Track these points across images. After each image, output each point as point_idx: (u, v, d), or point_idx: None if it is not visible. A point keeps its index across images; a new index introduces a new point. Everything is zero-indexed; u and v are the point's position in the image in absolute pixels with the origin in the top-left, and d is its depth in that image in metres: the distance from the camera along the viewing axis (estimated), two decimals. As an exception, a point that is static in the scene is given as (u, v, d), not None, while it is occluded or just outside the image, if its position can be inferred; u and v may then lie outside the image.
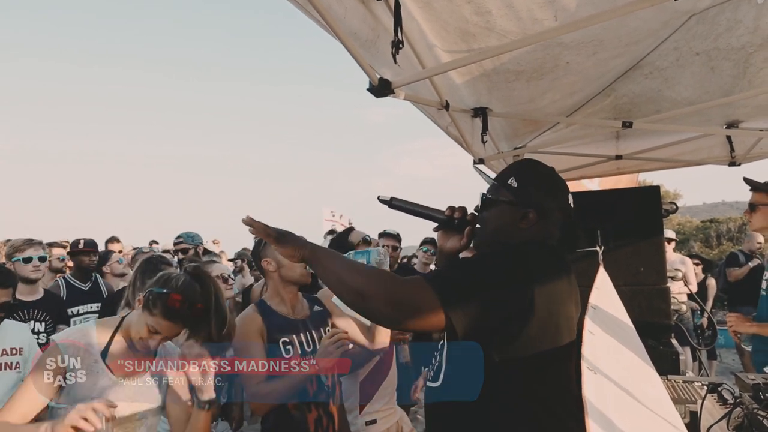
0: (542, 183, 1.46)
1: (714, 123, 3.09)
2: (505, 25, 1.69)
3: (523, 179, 1.43)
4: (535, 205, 1.39)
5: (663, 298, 2.81)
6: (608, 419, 0.69)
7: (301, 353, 2.17)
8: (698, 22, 2.02)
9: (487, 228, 1.48)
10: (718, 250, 14.56)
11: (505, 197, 1.43)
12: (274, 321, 2.22)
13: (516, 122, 2.98)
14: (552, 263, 1.36)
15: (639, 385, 1.09)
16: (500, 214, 1.44)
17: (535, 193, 1.41)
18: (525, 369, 1.25)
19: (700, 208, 25.87)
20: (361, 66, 1.63)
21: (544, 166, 1.52)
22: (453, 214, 1.50)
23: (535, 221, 1.39)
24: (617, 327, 1.58)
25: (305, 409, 2.15)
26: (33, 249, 3.29)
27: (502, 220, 1.43)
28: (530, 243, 1.39)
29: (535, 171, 1.50)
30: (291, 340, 2.19)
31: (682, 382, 2.27)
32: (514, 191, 1.42)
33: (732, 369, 6.76)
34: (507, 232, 1.42)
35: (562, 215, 1.44)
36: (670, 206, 3.16)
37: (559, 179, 1.49)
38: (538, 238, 1.40)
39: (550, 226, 1.42)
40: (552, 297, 1.28)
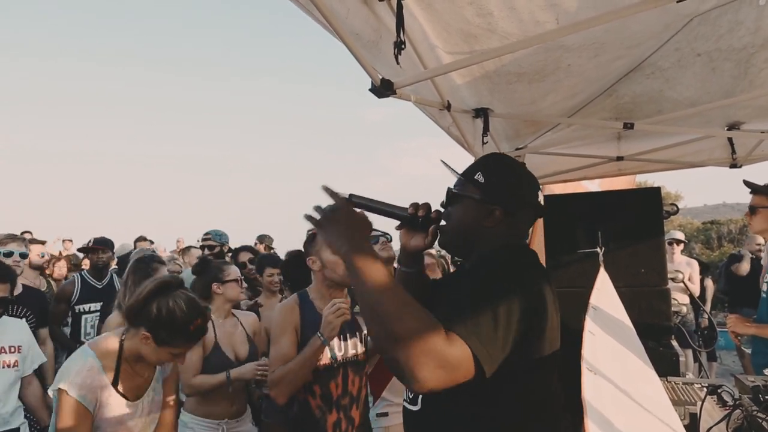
0: (510, 178, 1.38)
1: (715, 124, 3.09)
2: (506, 27, 1.69)
3: (490, 174, 1.36)
4: (501, 202, 1.32)
5: (663, 299, 2.81)
6: (607, 420, 0.69)
7: (331, 356, 2.17)
8: (700, 23, 2.03)
9: (452, 225, 1.41)
10: (719, 251, 14.55)
11: (472, 193, 1.36)
12: (308, 319, 2.22)
13: (517, 123, 2.98)
14: (537, 268, 1.32)
15: (638, 386, 1.10)
16: (465, 210, 1.37)
17: (502, 190, 1.34)
18: (513, 381, 1.16)
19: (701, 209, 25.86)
20: (363, 66, 1.64)
21: (512, 160, 1.47)
22: (416, 212, 1.42)
23: (501, 219, 1.32)
24: (617, 328, 1.58)
25: (326, 409, 2.15)
26: (15, 244, 3.32)
27: (467, 217, 1.37)
28: (512, 247, 1.33)
29: (504, 165, 1.43)
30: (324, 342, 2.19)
31: (682, 384, 2.27)
32: (481, 186, 1.34)
33: (732, 371, 6.76)
34: (471, 229, 1.36)
35: (533, 213, 1.40)
36: (671, 208, 3.17)
37: (529, 175, 1.43)
38: (507, 237, 1.34)
39: (518, 224, 1.37)
40: (548, 303, 1.21)
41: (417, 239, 1.46)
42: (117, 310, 2.88)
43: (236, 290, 2.81)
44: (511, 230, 1.35)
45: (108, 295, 4.07)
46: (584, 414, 0.66)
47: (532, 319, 1.13)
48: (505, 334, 1.07)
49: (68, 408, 1.63)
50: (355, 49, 1.56)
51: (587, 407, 0.68)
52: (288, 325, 2.21)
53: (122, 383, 1.76)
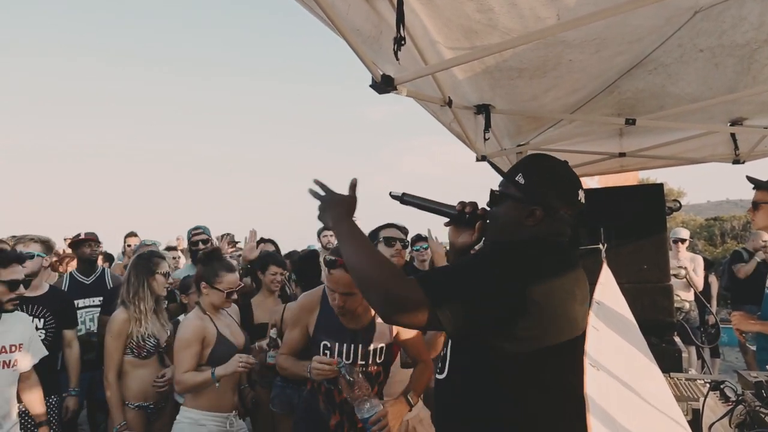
0: (549, 179, 1.43)
1: (718, 120, 3.08)
2: (507, 23, 1.69)
3: (530, 175, 1.41)
4: (541, 202, 1.37)
5: (666, 295, 2.80)
6: (610, 416, 0.69)
7: (338, 361, 2.16)
8: (703, 19, 2.02)
9: (495, 224, 1.48)
10: (722, 248, 14.50)
11: (513, 193, 1.41)
12: (324, 319, 2.24)
13: (519, 119, 2.98)
14: (554, 260, 1.35)
15: (641, 382, 1.09)
16: (507, 210, 1.43)
17: (541, 190, 1.39)
18: (524, 364, 1.26)
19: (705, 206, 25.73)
20: (363, 62, 1.63)
21: (554, 160, 1.49)
22: (464, 209, 1.51)
23: (542, 218, 1.37)
24: (620, 323, 1.58)
25: (330, 409, 2.19)
26: (23, 245, 3.27)
27: (508, 217, 1.42)
28: (531, 241, 1.38)
29: (543, 166, 1.47)
30: (332, 346, 2.20)
31: (685, 380, 2.26)
32: (521, 187, 1.40)
33: (735, 367, 6.74)
34: (513, 228, 1.40)
35: (572, 212, 1.41)
36: (674, 204, 3.15)
37: (569, 174, 1.46)
38: (545, 235, 1.38)
39: (558, 223, 1.39)
40: (551, 294, 1.26)
41: (465, 236, 1.55)
42: (122, 306, 2.90)
43: (221, 297, 2.73)
44: (550, 229, 1.39)
45: (98, 291, 4.03)
46: (587, 410, 0.66)
47: (499, 307, 1.22)
48: (454, 295, 1.21)
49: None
50: (355, 45, 1.56)
51: (590, 403, 0.67)
52: (300, 321, 2.32)
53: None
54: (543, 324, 1.24)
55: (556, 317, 1.27)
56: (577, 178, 1.46)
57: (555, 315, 1.27)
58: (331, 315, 2.23)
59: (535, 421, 1.28)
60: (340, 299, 2.10)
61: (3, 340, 2.59)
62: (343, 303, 2.09)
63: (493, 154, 3.22)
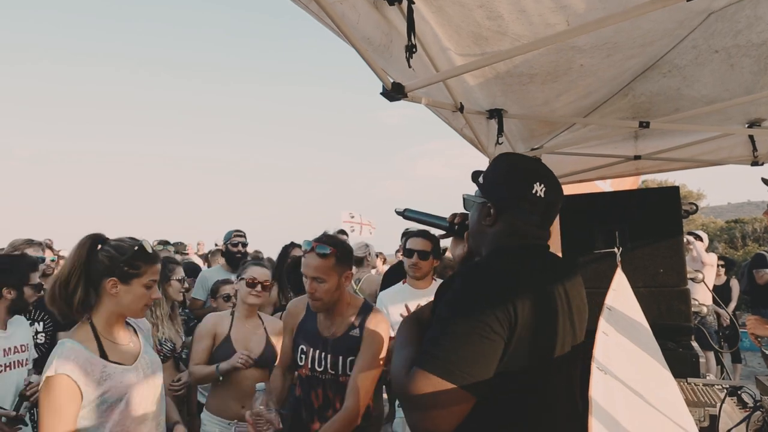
0: (501, 173, 1.33)
1: (735, 122, 3.04)
2: (517, 29, 1.70)
3: (487, 173, 1.35)
4: (493, 198, 1.29)
5: (683, 299, 2.78)
6: (614, 420, 0.69)
7: (310, 368, 2.16)
8: (717, 20, 2.00)
9: (470, 231, 1.41)
10: (743, 251, 14.22)
11: (476, 195, 1.37)
12: (304, 325, 2.24)
13: (532, 123, 2.97)
14: (526, 271, 1.21)
15: (652, 388, 1.09)
16: (473, 213, 1.37)
17: (492, 185, 1.32)
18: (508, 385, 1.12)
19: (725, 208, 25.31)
20: (374, 71, 1.65)
21: (518, 156, 1.44)
22: (453, 220, 1.48)
23: (496, 218, 1.27)
24: (632, 329, 1.57)
25: (309, 416, 2.18)
26: (32, 249, 3.32)
27: (473, 221, 1.36)
28: (493, 252, 1.28)
29: (501, 162, 1.36)
30: (306, 351, 2.19)
31: (702, 385, 2.24)
32: (480, 186, 1.35)
33: (758, 373, 6.61)
34: (478, 232, 1.34)
35: (529, 207, 1.26)
36: (690, 207, 3.12)
37: (528, 166, 1.32)
38: (505, 239, 1.27)
39: (515, 220, 1.27)
40: (534, 312, 1.12)
41: (459, 248, 1.49)
42: None
43: (244, 290, 2.75)
44: (509, 229, 1.27)
45: None
46: (589, 413, 0.66)
47: (505, 328, 1.08)
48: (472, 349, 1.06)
49: (57, 387, 1.58)
50: (366, 54, 1.58)
51: (594, 406, 0.68)
52: (288, 327, 2.32)
53: (112, 354, 1.74)
54: (526, 341, 1.11)
55: (541, 331, 1.14)
56: (540, 171, 1.31)
57: (539, 330, 1.13)
58: (312, 320, 2.22)
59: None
60: (311, 286, 2.06)
61: (14, 341, 2.67)
62: (313, 290, 2.06)
63: (506, 158, 3.21)
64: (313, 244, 2.05)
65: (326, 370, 2.13)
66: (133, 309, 1.80)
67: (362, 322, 2.13)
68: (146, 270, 1.78)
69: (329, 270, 2.05)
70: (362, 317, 2.15)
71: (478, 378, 1.05)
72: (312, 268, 2.05)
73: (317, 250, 2.05)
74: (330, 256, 2.05)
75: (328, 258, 2.05)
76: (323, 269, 2.04)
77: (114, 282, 1.74)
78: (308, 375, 2.17)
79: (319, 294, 2.06)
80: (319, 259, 2.04)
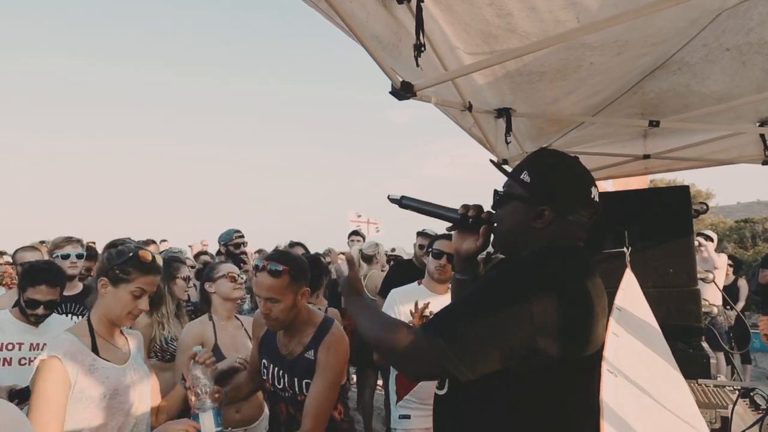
0: (558, 176, 1.30)
1: (746, 120, 3.01)
2: (526, 26, 1.69)
3: (536, 172, 1.29)
4: (549, 202, 1.25)
5: (693, 300, 2.75)
6: (625, 422, 0.68)
7: (271, 384, 2.12)
8: (729, 17, 1.98)
9: (501, 228, 1.36)
10: (753, 251, 14.10)
11: (518, 193, 1.30)
12: (266, 339, 2.18)
13: (540, 122, 2.96)
14: (576, 271, 1.23)
15: (662, 389, 1.08)
16: (514, 212, 1.31)
17: (548, 188, 1.27)
18: (541, 382, 1.15)
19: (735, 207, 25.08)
20: (383, 69, 1.65)
21: (563, 155, 1.37)
22: (467, 213, 1.40)
23: (552, 220, 1.25)
24: (642, 330, 1.56)
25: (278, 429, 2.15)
26: (71, 246, 3.41)
27: (515, 219, 1.30)
28: (547, 250, 1.26)
29: (551, 162, 1.34)
30: (267, 366, 2.14)
31: (713, 387, 2.22)
32: (527, 186, 1.28)
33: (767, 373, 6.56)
34: (522, 232, 1.30)
35: (586, 213, 1.28)
36: (701, 206, 3.09)
37: (581, 171, 1.32)
38: (558, 240, 1.27)
39: (571, 225, 1.27)
40: (577, 310, 1.16)
41: (469, 242, 1.45)
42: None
43: (228, 287, 2.73)
44: (562, 231, 1.27)
45: None
46: (600, 415, 0.65)
47: (538, 323, 1.09)
48: (484, 344, 1.10)
49: (48, 369, 1.63)
50: (375, 53, 1.57)
51: (605, 409, 0.67)
52: (255, 336, 2.28)
53: (104, 352, 1.79)
54: (567, 343, 1.13)
55: (578, 334, 1.17)
56: (590, 174, 1.33)
57: (578, 332, 1.16)
58: (273, 335, 2.14)
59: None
60: (264, 306, 1.95)
61: (44, 338, 2.65)
62: (268, 311, 1.95)
63: (514, 157, 3.20)
64: (264, 263, 1.94)
65: (285, 388, 2.07)
66: (117, 314, 1.81)
67: (317, 345, 2.02)
68: (136, 278, 1.78)
69: (283, 289, 1.93)
70: (318, 338, 2.04)
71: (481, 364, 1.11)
72: (265, 288, 1.93)
73: (269, 268, 1.93)
74: (283, 274, 1.92)
75: (281, 277, 1.92)
76: (277, 289, 1.92)
77: (105, 282, 1.79)
78: (271, 390, 2.14)
79: (275, 314, 1.95)
80: (272, 279, 1.92)
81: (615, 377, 0.83)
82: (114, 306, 1.80)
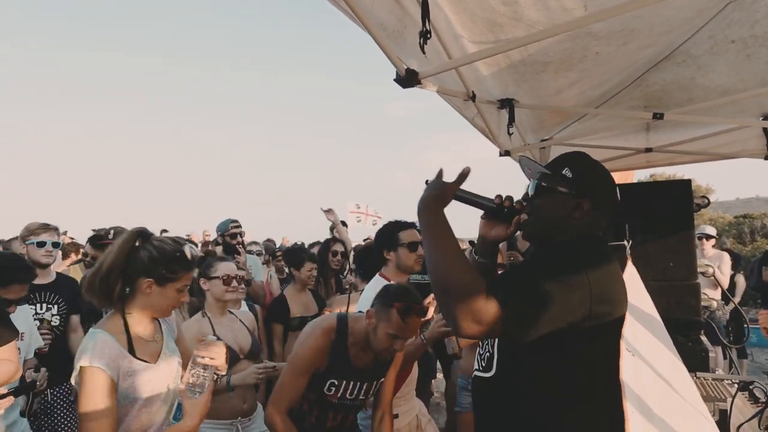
0: (597, 174, 1.50)
1: (750, 114, 3.00)
2: (533, 15, 1.67)
3: (578, 169, 1.46)
4: (590, 195, 1.42)
5: (693, 294, 2.75)
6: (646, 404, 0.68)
7: (341, 396, 2.17)
8: (735, 9, 1.96)
9: (539, 216, 1.49)
10: (751, 246, 14.12)
11: (561, 186, 1.45)
12: (333, 362, 2.11)
13: (543, 114, 2.94)
14: (609, 257, 1.36)
15: (669, 378, 1.08)
16: (554, 203, 1.46)
17: (590, 183, 1.45)
18: (580, 362, 1.27)
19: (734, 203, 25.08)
20: (388, 56, 1.63)
21: (592, 159, 1.56)
22: (503, 203, 1.51)
23: (589, 211, 1.42)
24: (645, 321, 1.56)
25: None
26: (48, 234, 3.29)
27: (555, 210, 1.45)
28: (586, 237, 1.41)
29: (589, 162, 1.54)
30: (339, 384, 2.15)
31: (712, 380, 2.22)
32: (570, 181, 1.44)
33: (765, 368, 6.59)
34: (559, 221, 1.44)
35: (610, 209, 1.48)
36: (702, 200, 3.08)
37: (610, 174, 1.53)
38: (589, 229, 1.42)
39: (601, 217, 1.45)
40: (617, 286, 1.31)
41: (499, 229, 1.55)
42: None
43: (220, 289, 2.67)
44: (594, 223, 1.44)
45: None
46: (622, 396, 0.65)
47: (588, 308, 1.21)
48: (546, 311, 1.16)
49: (93, 380, 1.60)
50: (380, 39, 1.56)
51: (625, 389, 0.67)
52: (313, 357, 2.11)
53: (139, 351, 1.75)
54: (613, 315, 1.27)
55: (620, 308, 1.32)
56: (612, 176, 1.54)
57: (616, 308, 1.31)
58: (341, 355, 2.13)
59: (604, 422, 1.24)
60: (400, 344, 2.05)
61: None
62: (401, 348, 2.07)
63: (516, 149, 3.19)
64: (416, 306, 2.03)
65: (355, 397, 2.20)
66: (161, 309, 1.82)
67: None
68: (182, 276, 1.78)
69: None
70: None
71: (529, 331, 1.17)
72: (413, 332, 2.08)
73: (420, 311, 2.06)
74: None
75: None
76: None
77: (150, 283, 1.74)
78: (334, 402, 2.18)
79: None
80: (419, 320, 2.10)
81: (633, 357, 0.83)
82: (159, 304, 1.78)
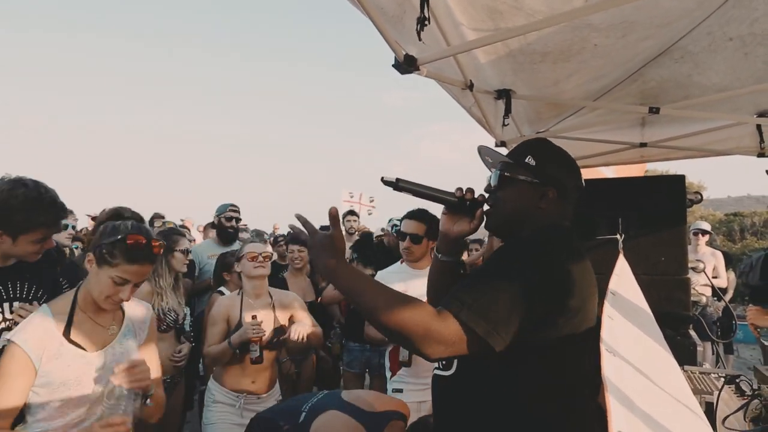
0: (561, 160, 1.44)
1: (744, 111, 3.00)
2: (533, 3, 1.65)
3: (541, 157, 1.40)
4: (555, 183, 1.37)
5: (683, 288, 2.78)
6: (628, 397, 0.68)
7: None
8: (734, 6, 1.96)
9: (503, 208, 1.42)
10: (741, 244, 14.27)
11: (524, 175, 1.38)
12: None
13: (539, 106, 2.94)
14: (576, 248, 1.32)
15: (657, 372, 1.08)
16: (518, 193, 1.39)
17: (555, 171, 1.39)
18: (547, 357, 1.21)
19: (725, 201, 25.26)
20: (387, 41, 1.61)
21: (555, 145, 1.49)
22: (464, 196, 1.42)
23: (555, 200, 1.36)
24: (636, 315, 1.57)
25: None
26: (69, 218, 3.36)
27: (520, 200, 1.39)
28: (551, 228, 1.35)
29: (553, 148, 1.47)
30: None
31: (699, 373, 2.25)
32: (533, 169, 1.38)
33: (749, 364, 6.69)
34: (525, 212, 1.38)
35: (576, 195, 1.43)
36: (695, 196, 3.10)
37: (573, 160, 1.47)
38: (556, 219, 1.37)
39: (567, 205, 1.40)
40: (584, 280, 1.24)
41: (462, 224, 1.46)
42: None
43: (249, 266, 2.79)
44: (560, 211, 1.39)
45: None
46: (604, 390, 0.65)
47: (554, 298, 1.16)
48: (510, 308, 1.11)
49: (7, 354, 1.55)
50: (379, 23, 1.54)
51: (608, 384, 0.67)
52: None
53: (77, 334, 1.65)
54: (578, 312, 1.21)
55: (586, 304, 1.25)
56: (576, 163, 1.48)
57: (586, 302, 1.25)
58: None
59: (566, 420, 1.23)
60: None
61: None
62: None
63: (512, 140, 3.19)
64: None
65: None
66: (96, 296, 1.67)
67: None
68: (119, 264, 1.62)
69: None
70: None
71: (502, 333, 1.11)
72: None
73: None
74: None
75: None
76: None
77: (91, 258, 1.66)
78: None
79: None
80: None
81: (613, 356, 0.83)
82: (94, 286, 1.66)
